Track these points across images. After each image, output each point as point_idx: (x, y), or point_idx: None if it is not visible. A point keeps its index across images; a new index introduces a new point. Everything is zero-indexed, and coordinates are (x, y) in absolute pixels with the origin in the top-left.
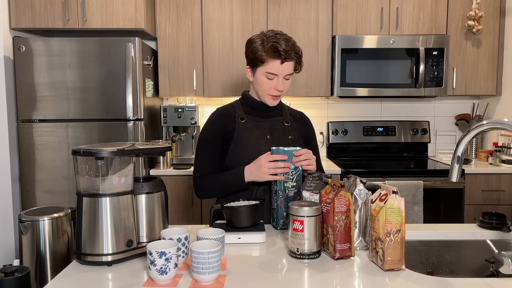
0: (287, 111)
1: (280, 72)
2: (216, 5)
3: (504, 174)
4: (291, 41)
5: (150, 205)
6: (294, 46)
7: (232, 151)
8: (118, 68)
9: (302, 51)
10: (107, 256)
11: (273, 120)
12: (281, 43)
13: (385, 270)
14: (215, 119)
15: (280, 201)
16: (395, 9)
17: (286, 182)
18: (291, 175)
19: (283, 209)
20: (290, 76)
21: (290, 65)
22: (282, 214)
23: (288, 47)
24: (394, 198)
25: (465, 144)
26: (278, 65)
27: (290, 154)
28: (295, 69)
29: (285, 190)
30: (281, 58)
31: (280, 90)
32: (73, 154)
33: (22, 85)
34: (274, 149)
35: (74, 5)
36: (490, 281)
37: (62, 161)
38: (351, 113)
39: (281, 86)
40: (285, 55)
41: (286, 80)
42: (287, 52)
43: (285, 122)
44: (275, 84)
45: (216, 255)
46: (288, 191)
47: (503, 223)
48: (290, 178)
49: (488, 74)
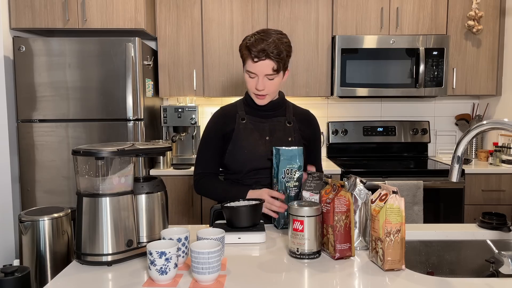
0: (291, 111)
1: (257, 71)
2: (216, 5)
3: (504, 174)
4: (268, 40)
5: (150, 205)
6: (271, 45)
7: (230, 151)
8: (118, 68)
9: (286, 52)
10: (107, 256)
11: (274, 121)
12: (255, 43)
13: (385, 270)
14: (217, 118)
15: (281, 201)
16: (395, 9)
17: (288, 182)
18: (294, 175)
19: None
20: (274, 76)
21: (267, 65)
22: (283, 214)
23: (261, 47)
24: (394, 198)
25: (465, 144)
26: (252, 63)
27: (293, 153)
28: (276, 70)
29: (286, 190)
30: (252, 57)
31: (259, 89)
32: (73, 154)
33: (22, 85)
34: (276, 148)
35: (74, 5)
36: (490, 281)
37: (62, 161)
38: (351, 113)
39: (260, 86)
40: (257, 55)
41: (269, 80)
42: (259, 52)
43: (287, 123)
44: (255, 83)
45: (216, 255)
46: (289, 191)
47: (503, 223)
48: (293, 178)
49: (488, 74)
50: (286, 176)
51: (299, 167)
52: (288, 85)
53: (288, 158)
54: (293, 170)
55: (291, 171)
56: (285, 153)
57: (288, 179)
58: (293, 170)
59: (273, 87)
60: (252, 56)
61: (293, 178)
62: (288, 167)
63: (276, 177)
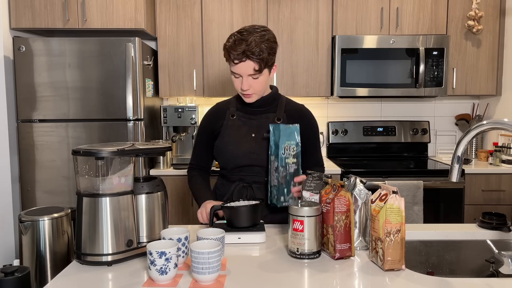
0: (283, 107)
1: (239, 71)
2: (216, 5)
3: (504, 174)
4: (248, 40)
5: (150, 205)
6: (250, 46)
7: (217, 147)
8: (118, 68)
9: (268, 50)
10: (107, 256)
11: (263, 117)
12: (233, 44)
13: (385, 270)
14: (209, 114)
15: (282, 177)
16: (395, 9)
17: (287, 158)
18: (292, 151)
19: (284, 185)
20: (257, 75)
21: (248, 65)
22: (283, 191)
23: (240, 49)
24: (394, 198)
25: (465, 144)
26: (234, 65)
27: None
28: (258, 70)
29: (286, 166)
30: (232, 59)
31: (244, 90)
32: (73, 154)
33: (22, 85)
34: (273, 125)
35: (74, 5)
36: (490, 281)
37: (62, 161)
38: (351, 113)
39: (245, 86)
40: (236, 57)
41: (254, 79)
42: (238, 54)
43: (277, 119)
44: (240, 83)
45: (216, 255)
46: (289, 167)
47: (503, 223)
48: (292, 154)
49: (488, 74)
50: (286, 152)
51: (297, 144)
52: (288, 85)
53: (287, 134)
54: (291, 147)
55: (290, 147)
56: (284, 130)
57: (287, 155)
58: (291, 146)
59: (259, 85)
60: (231, 58)
61: (291, 154)
62: (287, 143)
63: (275, 154)
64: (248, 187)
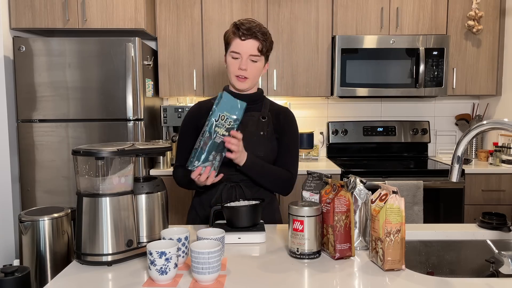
0: (267, 106)
1: (242, 50)
2: (216, 5)
3: (504, 174)
4: (256, 23)
5: (150, 205)
6: (259, 27)
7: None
8: (118, 68)
9: (269, 41)
10: (107, 256)
11: (248, 115)
12: (242, 22)
13: (385, 270)
14: (192, 112)
15: (204, 142)
16: (395, 9)
17: (218, 126)
18: (227, 124)
19: (203, 151)
20: (256, 58)
21: (252, 44)
22: (200, 156)
23: (249, 26)
24: (394, 198)
25: (465, 144)
26: (239, 42)
27: (236, 104)
28: (261, 51)
29: (213, 133)
30: (240, 35)
31: (243, 69)
32: (73, 154)
33: (22, 85)
34: (221, 93)
35: (74, 5)
36: (490, 281)
37: (62, 161)
38: (351, 113)
39: (243, 65)
40: (244, 32)
41: (252, 62)
42: (247, 29)
43: (261, 118)
44: (238, 64)
45: (216, 255)
46: (216, 136)
47: (503, 223)
48: (225, 126)
49: (488, 74)
50: (220, 121)
51: (235, 120)
52: (288, 85)
53: (229, 105)
54: (229, 120)
55: (227, 119)
56: (228, 100)
57: (220, 124)
58: (228, 119)
59: (255, 70)
60: (239, 33)
61: (225, 126)
62: (225, 113)
63: (209, 119)
64: (237, 186)
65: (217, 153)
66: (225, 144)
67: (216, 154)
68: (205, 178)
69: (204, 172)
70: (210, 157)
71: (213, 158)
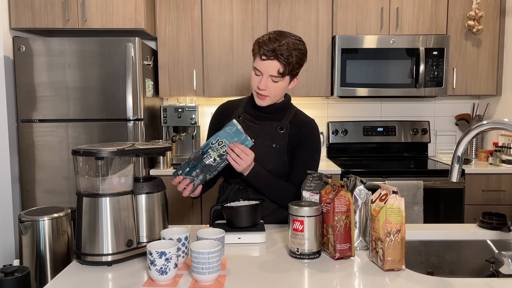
0: (289, 117)
1: (262, 69)
2: (216, 5)
3: (504, 174)
4: (282, 42)
5: (150, 205)
6: (282, 47)
7: None
8: (118, 68)
9: (297, 58)
10: (107, 256)
11: (267, 124)
12: (267, 41)
13: (385, 270)
14: (218, 110)
15: (195, 157)
16: (395, 9)
17: (212, 149)
18: (222, 151)
19: (188, 166)
20: (278, 79)
21: (273, 65)
22: (185, 168)
23: (272, 46)
24: (394, 198)
25: (465, 144)
26: (259, 60)
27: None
28: (282, 73)
29: (205, 154)
30: (260, 54)
31: (261, 89)
32: (73, 154)
33: (22, 85)
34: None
35: (74, 5)
36: (490, 281)
37: (62, 161)
38: (351, 113)
39: (262, 85)
40: (265, 53)
41: (273, 82)
42: (269, 51)
43: (279, 129)
44: (258, 81)
45: (216, 255)
46: (207, 158)
47: (503, 223)
48: (219, 151)
49: (488, 74)
50: (217, 145)
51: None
52: None
53: (231, 135)
54: (225, 148)
55: (223, 146)
56: (236, 133)
57: (215, 148)
58: (225, 147)
59: (276, 90)
60: (261, 53)
61: (219, 151)
62: (224, 140)
63: (208, 139)
64: (244, 190)
65: (201, 172)
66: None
67: (200, 173)
68: (182, 189)
69: (182, 183)
70: (194, 173)
71: (196, 175)
